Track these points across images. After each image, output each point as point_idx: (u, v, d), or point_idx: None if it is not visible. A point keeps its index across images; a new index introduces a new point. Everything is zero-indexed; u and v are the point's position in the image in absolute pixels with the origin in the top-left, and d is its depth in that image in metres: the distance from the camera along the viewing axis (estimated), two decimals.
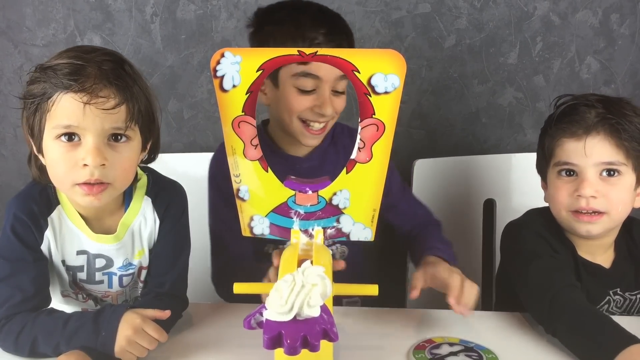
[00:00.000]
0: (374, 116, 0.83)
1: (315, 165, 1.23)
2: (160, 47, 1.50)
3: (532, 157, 1.17)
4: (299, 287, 0.67)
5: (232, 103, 0.84)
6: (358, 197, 0.89)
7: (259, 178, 0.89)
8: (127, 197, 0.96)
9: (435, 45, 1.54)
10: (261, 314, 0.70)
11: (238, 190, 0.90)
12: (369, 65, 0.80)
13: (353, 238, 0.92)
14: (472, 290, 0.95)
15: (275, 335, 0.66)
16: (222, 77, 0.82)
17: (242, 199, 0.91)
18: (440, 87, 1.57)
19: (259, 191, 0.90)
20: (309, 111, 1.13)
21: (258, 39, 1.16)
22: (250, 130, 0.86)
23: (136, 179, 0.96)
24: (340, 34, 1.14)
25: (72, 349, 0.83)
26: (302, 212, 0.90)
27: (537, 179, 1.15)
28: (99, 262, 0.96)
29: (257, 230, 0.93)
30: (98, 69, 0.82)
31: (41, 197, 0.91)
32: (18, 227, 0.89)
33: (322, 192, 0.89)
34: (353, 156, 0.87)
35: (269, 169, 0.89)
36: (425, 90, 1.57)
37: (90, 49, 0.86)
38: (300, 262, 0.76)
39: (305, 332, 0.66)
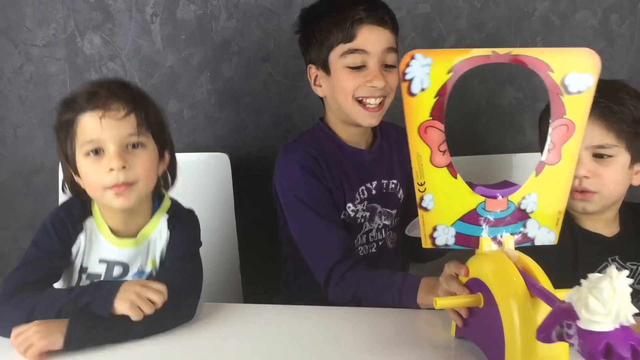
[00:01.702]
0: (565, 116, 0.81)
1: (377, 157, 1.28)
2: (160, 47, 1.51)
3: (532, 157, 1.17)
4: (617, 293, 0.61)
5: (420, 107, 0.81)
6: (545, 200, 0.87)
7: (447, 185, 0.85)
8: (152, 215, 1.06)
9: (435, 46, 1.54)
10: (563, 326, 0.64)
11: (421, 199, 0.86)
12: (563, 65, 0.79)
13: (537, 242, 0.89)
14: None
15: (602, 347, 0.60)
16: (411, 80, 0.79)
17: (425, 209, 0.86)
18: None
19: (445, 199, 0.85)
20: (363, 87, 1.17)
21: (307, 38, 1.23)
22: (437, 135, 0.82)
23: (161, 198, 1.07)
24: (381, 7, 1.19)
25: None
26: (491, 218, 0.87)
27: None
28: (117, 270, 1.04)
29: (441, 241, 0.88)
30: (107, 90, 0.97)
31: (80, 206, 1.03)
32: (57, 223, 1.00)
33: (511, 197, 0.86)
34: (543, 158, 0.85)
35: (458, 175, 0.85)
36: None
37: (101, 79, 1.05)
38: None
39: (630, 340, 0.60)
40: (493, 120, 1.61)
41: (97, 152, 0.96)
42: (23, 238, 1.59)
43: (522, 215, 0.88)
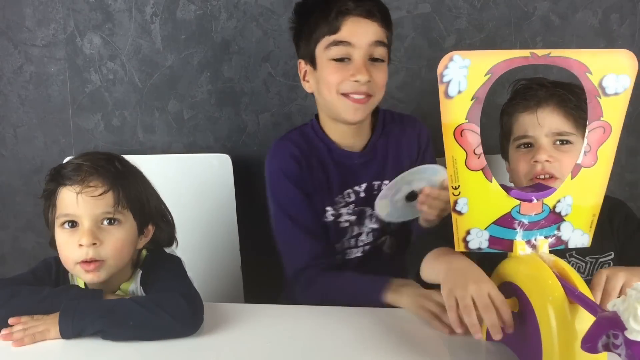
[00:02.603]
0: (602, 118, 0.81)
1: (368, 159, 1.25)
2: (160, 47, 1.50)
3: None
4: None
5: (456, 110, 0.80)
6: (580, 202, 0.86)
7: (482, 189, 0.84)
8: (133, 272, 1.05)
9: (435, 46, 1.54)
10: (609, 336, 0.64)
11: (456, 202, 0.86)
12: (601, 66, 0.79)
13: (571, 245, 0.88)
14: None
15: None
16: (448, 82, 0.78)
17: (459, 212, 0.86)
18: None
19: (479, 203, 0.85)
20: (346, 82, 1.14)
21: (298, 32, 1.22)
22: (474, 138, 0.82)
23: (140, 257, 1.06)
24: (370, 2, 1.15)
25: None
26: (526, 222, 0.86)
27: None
28: None
29: (474, 245, 0.88)
30: (90, 165, 0.98)
31: (56, 267, 1.03)
32: (35, 281, 1.01)
33: (546, 200, 0.86)
34: (579, 161, 0.84)
35: (493, 179, 0.85)
36: (425, 90, 1.56)
37: (92, 153, 1.03)
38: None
39: None
40: (492, 120, 1.60)
41: (73, 224, 0.97)
42: (23, 238, 1.59)
43: (556, 218, 0.87)
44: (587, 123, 0.82)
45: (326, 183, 1.22)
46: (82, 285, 1.02)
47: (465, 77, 0.78)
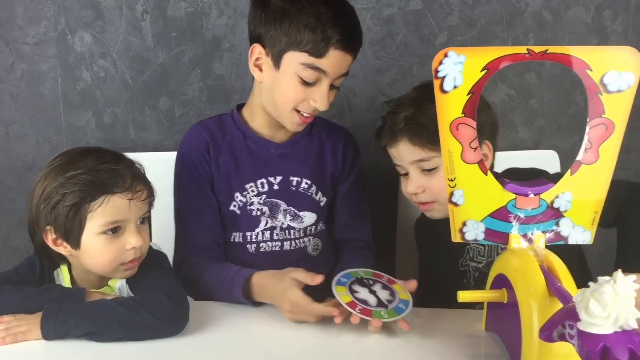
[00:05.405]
0: (603, 115, 0.81)
1: (287, 152, 1.24)
2: (151, 45, 1.50)
3: (524, 154, 1.16)
4: (619, 297, 0.61)
5: (452, 104, 0.82)
6: (580, 199, 0.86)
7: (477, 182, 0.86)
8: None
9: (426, 42, 1.53)
10: (565, 326, 0.66)
11: (452, 194, 0.88)
12: (602, 63, 0.79)
13: (571, 241, 0.89)
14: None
15: (599, 350, 0.61)
16: (444, 77, 0.80)
17: (455, 204, 0.88)
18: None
19: (475, 195, 0.87)
20: (305, 103, 1.13)
21: (269, 15, 1.10)
22: (469, 132, 0.83)
23: None
24: (357, 34, 1.14)
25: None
26: (522, 216, 0.87)
27: None
28: None
29: (470, 236, 0.90)
30: (129, 169, 0.99)
31: (39, 266, 1.03)
32: (17, 279, 1.00)
33: (544, 195, 0.87)
34: (579, 157, 0.85)
35: (489, 172, 0.86)
36: None
37: (103, 151, 1.00)
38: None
39: (629, 344, 0.61)
40: None
41: (116, 229, 0.96)
42: (15, 236, 1.60)
43: (555, 214, 0.88)
44: (588, 120, 0.82)
45: (235, 169, 1.21)
46: (68, 284, 1.02)
47: (460, 72, 0.80)
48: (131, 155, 1.05)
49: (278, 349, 0.94)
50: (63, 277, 1.03)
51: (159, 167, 1.24)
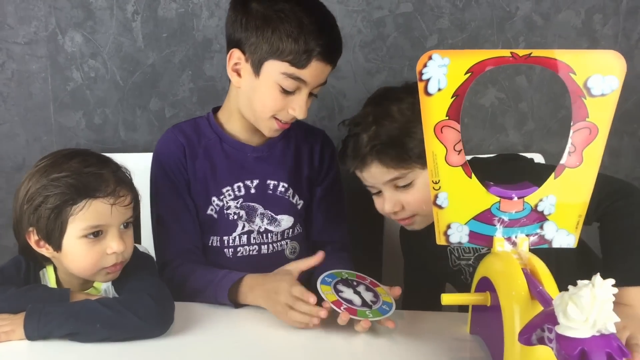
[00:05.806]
0: (587, 119, 0.81)
1: (264, 155, 1.24)
2: (142, 45, 1.50)
3: None
4: (598, 301, 0.61)
5: (436, 107, 0.82)
6: (564, 202, 0.87)
7: (462, 184, 0.86)
8: None
9: (417, 45, 1.53)
10: (544, 329, 0.66)
11: (436, 197, 0.88)
12: (586, 67, 0.79)
13: (555, 245, 0.89)
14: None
15: (577, 353, 0.61)
16: (428, 80, 0.80)
17: (440, 207, 0.88)
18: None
19: (459, 198, 0.87)
20: (283, 112, 1.13)
21: (251, 21, 1.08)
22: (453, 135, 0.84)
23: None
24: (338, 47, 1.14)
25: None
26: (506, 219, 0.88)
27: None
28: None
29: (454, 239, 0.90)
30: (113, 174, 0.98)
31: (25, 266, 1.02)
32: (6, 269, 1.01)
33: (527, 199, 0.87)
34: (562, 161, 0.85)
35: (473, 175, 0.86)
36: None
37: (87, 153, 1.00)
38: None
39: (607, 348, 0.61)
40: (475, 121, 1.61)
41: (98, 233, 0.96)
42: (5, 235, 1.59)
43: (539, 217, 0.88)
44: (572, 123, 0.82)
45: (211, 173, 1.21)
46: (54, 285, 1.02)
47: (444, 75, 0.80)
48: (121, 156, 1.05)
49: (263, 349, 0.94)
50: (49, 277, 1.03)
51: (148, 168, 1.25)
